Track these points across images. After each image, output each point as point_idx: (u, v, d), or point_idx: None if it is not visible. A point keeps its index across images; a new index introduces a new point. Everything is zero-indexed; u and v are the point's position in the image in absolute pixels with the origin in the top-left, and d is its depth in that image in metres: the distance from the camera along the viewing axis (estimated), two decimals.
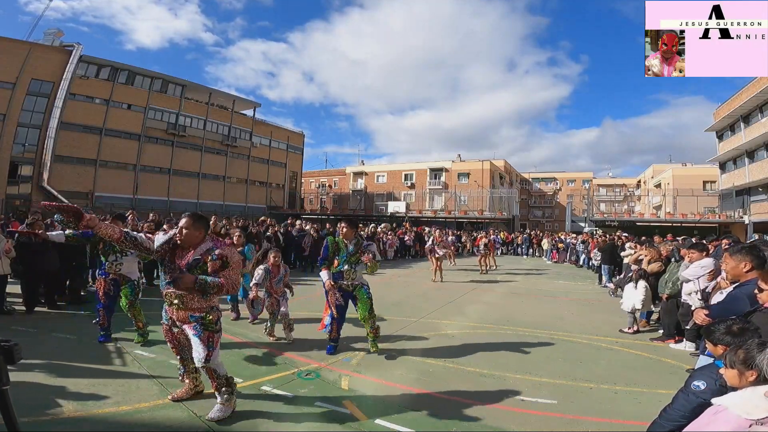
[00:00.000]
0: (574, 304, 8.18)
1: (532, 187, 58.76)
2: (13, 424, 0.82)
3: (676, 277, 5.34)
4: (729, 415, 1.57)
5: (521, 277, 12.49)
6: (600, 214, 38.12)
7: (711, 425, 1.63)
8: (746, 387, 1.63)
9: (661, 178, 41.17)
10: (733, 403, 1.59)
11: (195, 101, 34.26)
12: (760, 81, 21.89)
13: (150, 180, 30.91)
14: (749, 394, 1.59)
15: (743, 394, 1.61)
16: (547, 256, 20.29)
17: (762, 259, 2.53)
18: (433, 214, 36.53)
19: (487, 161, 41.57)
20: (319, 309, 5.08)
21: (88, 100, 27.95)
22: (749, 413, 1.52)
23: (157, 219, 9.52)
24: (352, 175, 48.17)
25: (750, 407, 1.53)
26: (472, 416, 3.06)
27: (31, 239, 5.98)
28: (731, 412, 1.57)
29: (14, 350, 0.82)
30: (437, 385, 3.65)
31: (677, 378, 3.64)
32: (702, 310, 2.75)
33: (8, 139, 24.17)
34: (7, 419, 0.81)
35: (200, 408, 2.99)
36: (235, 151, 36.77)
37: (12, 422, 0.82)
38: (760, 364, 1.62)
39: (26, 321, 5.32)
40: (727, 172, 29.05)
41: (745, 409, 1.54)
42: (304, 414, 3.01)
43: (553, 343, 5.17)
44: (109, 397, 3.10)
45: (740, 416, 1.54)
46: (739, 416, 1.54)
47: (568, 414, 3.16)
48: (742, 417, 1.53)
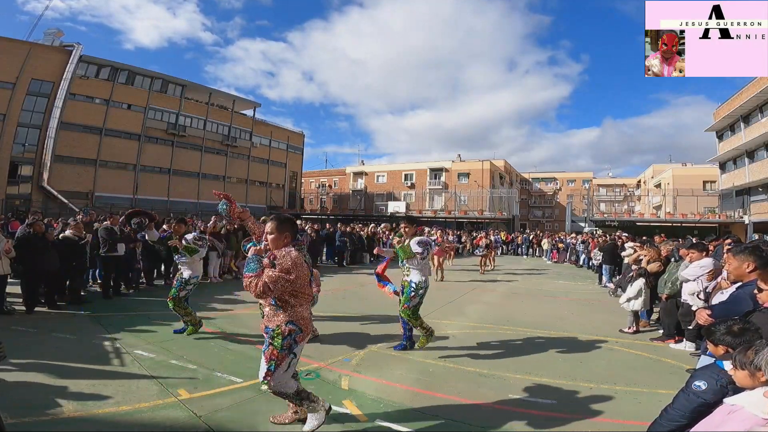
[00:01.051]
0: (574, 304, 8.17)
1: (532, 187, 58.77)
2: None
3: (675, 277, 5.34)
4: (745, 414, 1.59)
5: (521, 277, 12.49)
6: (600, 214, 38.14)
7: (725, 424, 1.64)
8: (759, 387, 1.64)
9: (661, 178, 41.18)
10: (749, 402, 1.61)
11: (195, 101, 34.26)
12: (760, 81, 21.89)
13: (150, 180, 30.91)
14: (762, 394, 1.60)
15: (758, 393, 1.62)
16: (547, 256, 20.29)
17: (765, 259, 2.52)
18: (433, 214, 36.55)
19: (487, 161, 41.57)
20: (320, 309, 5.08)
21: (88, 100, 27.94)
22: (766, 412, 1.54)
23: (157, 219, 9.51)
24: (352, 175, 48.17)
25: (766, 406, 1.55)
26: (472, 416, 3.06)
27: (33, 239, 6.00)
28: (747, 411, 1.58)
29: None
30: (437, 385, 3.65)
31: (677, 378, 3.64)
32: (704, 311, 2.75)
33: (8, 139, 24.16)
34: None
35: (200, 408, 2.99)
36: (235, 151, 36.77)
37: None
38: (758, 362, 1.63)
39: (26, 321, 5.32)
40: (727, 172, 29.05)
41: (762, 408, 1.55)
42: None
43: (553, 343, 5.16)
44: (109, 397, 3.10)
45: (756, 415, 1.55)
46: (755, 415, 1.56)
47: (568, 414, 3.15)
48: (758, 416, 1.55)
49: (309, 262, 3.08)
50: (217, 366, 3.89)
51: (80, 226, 7.03)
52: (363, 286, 9.46)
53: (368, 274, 11.63)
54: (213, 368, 3.83)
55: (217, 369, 3.81)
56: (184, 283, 4.94)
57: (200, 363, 3.95)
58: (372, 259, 15.70)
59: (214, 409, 3.00)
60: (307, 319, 2.66)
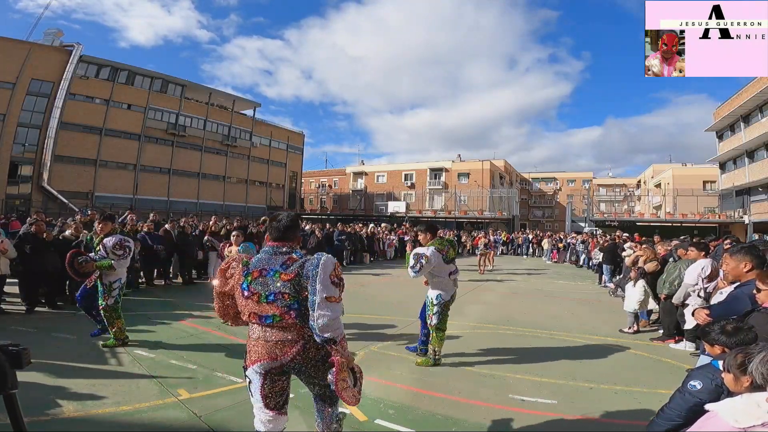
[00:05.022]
0: (574, 304, 8.17)
1: (532, 187, 58.77)
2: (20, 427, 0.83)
3: (673, 277, 5.34)
4: (719, 422, 1.55)
5: (521, 277, 12.48)
6: (600, 214, 38.14)
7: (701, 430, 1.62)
8: (743, 393, 1.61)
9: (661, 178, 41.17)
10: (725, 409, 1.57)
11: (195, 101, 34.26)
12: (760, 81, 21.89)
13: (150, 180, 30.90)
14: (743, 401, 1.56)
15: (737, 400, 1.59)
16: (547, 256, 20.28)
17: (762, 258, 2.53)
18: (433, 214, 36.57)
19: (487, 161, 41.58)
20: None
21: (88, 100, 27.93)
22: (738, 420, 1.49)
23: (157, 219, 9.53)
24: (352, 175, 48.18)
25: (740, 414, 1.50)
26: (472, 416, 3.06)
27: (33, 239, 5.99)
28: (721, 418, 1.55)
29: (22, 354, 0.84)
30: (437, 385, 3.65)
31: (677, 378, 3.63)
32: (703, 310, 2.76)
33: (8, 139, 24.15)
34: (14, 422, 0.83)
35: (200, 408, 3.00)
36: (235, 151, 36.76)
37: (19, 425, 0.83)
38: (751, 368, 1.58)
39: (26, 321, 5.32)
40: (727, 172, 29.05)
41: (734, 416, 1.51)
42: (304, 414, 3.01)
43: (553, 343, 5.17)
44: (109, 397, 3.10)
45: (728, 423, 1.51)
46: (727, 423, 1.51)
47: (568, 414, 3.16)
48: (730, 424, 1.50)
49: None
50: (217, 366, 3.89)
51: (79, 226, 7.03)
52: (363, 287, 9.46)
53: (368, 274, 11.65)
54: (213, 368, 3.83)
55: (217, 369, 3.81)
56: (108, 290, 4.29)
57: (200, 363, 3.95)
58: (372, 259, 15.71)
59: (214, 409, 3.00)
60: None
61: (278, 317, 1.92)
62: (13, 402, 0.82)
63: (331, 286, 1.88)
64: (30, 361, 0.85)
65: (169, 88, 32.57)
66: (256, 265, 1.99)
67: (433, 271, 4.03)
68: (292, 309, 1.91)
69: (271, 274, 1.95)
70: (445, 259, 4.05)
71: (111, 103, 28.72)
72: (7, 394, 0.81)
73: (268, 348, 1.94)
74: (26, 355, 0.84)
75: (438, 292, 4.08)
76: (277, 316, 1.92)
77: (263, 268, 1.97)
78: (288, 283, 1.91)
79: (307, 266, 1.91)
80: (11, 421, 0.83)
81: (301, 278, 1.90)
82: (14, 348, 0.83)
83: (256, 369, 1.97)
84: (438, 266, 3.99)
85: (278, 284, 1.92)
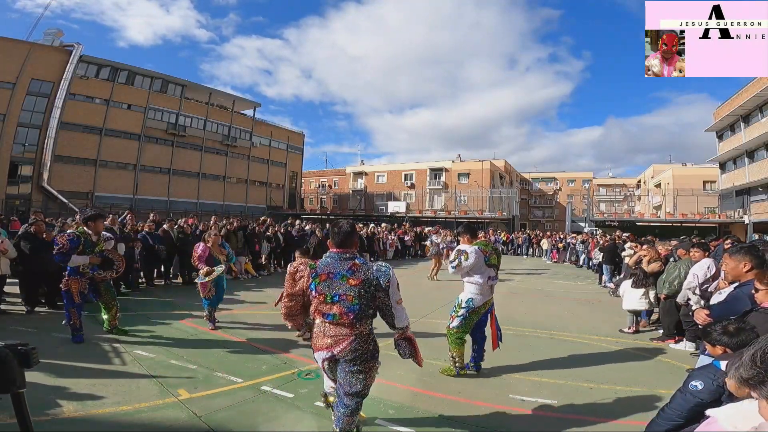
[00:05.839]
0: (574, 304, 8.17)
1: (532, 187, 58.77)
2: (27, 426, 0.84)
3: (673, 277, 5.34)
4: (717, 428, 1.54)
5: (521, 277, 12.48)
6: (600, 214, 38.13)
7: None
8: (745, 398, 1.60)
9: (661, 178, 41.17)
10: (723, 414, 1.55)
11: (195, 101, 34.27)
12: (760, 81, 21.89)
13: (150, 180, 30.91)
14: (744, 406, 1.55)
15: (739, 405, 1.58)
16: (547, 256, 20.29)
17: (761, 259, 2.53)
18: (433, 214, 36.57)
19: (487, 161, 41.59)
20: None
21: (88, 100, 27.95)
22: (735, 426, 1.47)
23: (157, 219, 9.52)
24: (352, 175, 48.18)
25: (738, 420, 1.48)
26: (472, 416, 3.07)
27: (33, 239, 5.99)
28: (720, 424, 1.54)
29: (30, 354, 0.85)
30: (437, 385, 3.65)
31: (677, 378, 3.63)
32: (703, 311, 2.76)
33: (8, 139, 24.17)
34: (21, 422, 0.84)
35: (200, 408, 2.99)
36: (235, 151, 36.78)
37: (26, 425, 0.84)
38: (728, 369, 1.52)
39: (26, 321, 5.33)
40: (727, 172, 29.06)
41: (732, 422, 1.49)
42: (304, 414, 3.01)
43: (553, 343, 5.17)
44: (109, 397, 3.10)
45: (725, 428, 1.49)
46: (725, 428, 1.50)
47: (568, 414, 3.16)
48: (728, 429, 1.48)
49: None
50: (217, 366, 3.89)
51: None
52: None
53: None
54: (213, 368, 3.83)
55: (217, 369, 3.81)
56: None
57: (200, 363, 3.95)
58: (372, 259, 15.72)
59: (214, 409, 3.00)
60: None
61: (338, 316, 2.22)
62: (21, 401, 0.83)
63: (398, 291, 2.33)
64: (38, 360, 0.86)
65: (169, 88, 32.58)
66: (322, 269, 2.27)
67: (472, 271, 3.88)
68: (352, 310, 2.21)
69: (338, 277, 2.23)
70: (487, 262, 3.90)
71: (111, 103, 28.73)
72: (15, 394, 0.82)
73: (325, 341, 2.28)
74: (34, 354, 0.85)
75: (470, 296, 3.90)
76: (337, 315, 2.22)
77: (330, 272, 2.25)
78: (355, 288, 2.20)
79: (375, 273, 2.25)
80: (18, 420, 0.84)
81: (369, 284, 2.22)
82: (23, 347, 0.84)
83: (317, 356, 2.37)
84: (477, 266, 3.85)
85: (345, 287, 2.22)
